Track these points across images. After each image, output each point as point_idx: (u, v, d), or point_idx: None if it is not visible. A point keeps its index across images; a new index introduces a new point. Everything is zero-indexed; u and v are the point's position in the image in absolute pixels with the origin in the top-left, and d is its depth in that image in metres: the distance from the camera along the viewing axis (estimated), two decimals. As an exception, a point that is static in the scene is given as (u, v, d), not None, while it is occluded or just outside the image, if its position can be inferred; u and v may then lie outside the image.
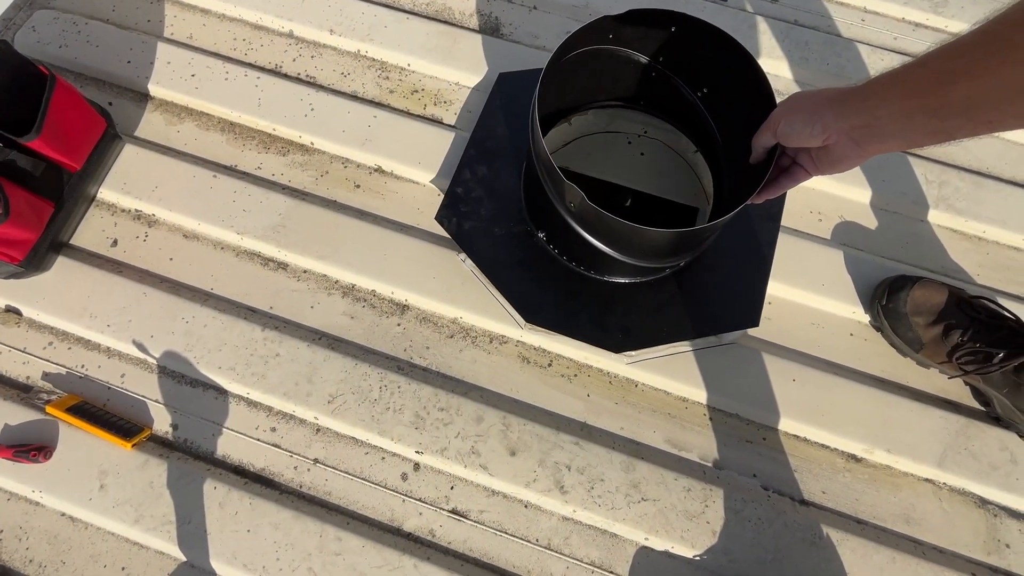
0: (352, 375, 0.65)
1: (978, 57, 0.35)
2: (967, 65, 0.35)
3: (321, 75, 0.79)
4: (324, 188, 0.73)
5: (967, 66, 0.35)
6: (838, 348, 0.68)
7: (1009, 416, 0.62)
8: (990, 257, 0.72)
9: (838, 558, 0.59)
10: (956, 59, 0.36)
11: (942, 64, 0.37)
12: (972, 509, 0.62)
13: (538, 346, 0.67)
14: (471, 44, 0.79)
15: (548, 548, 0.60)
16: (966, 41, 0.36)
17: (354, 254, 0.69)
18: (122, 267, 0.70)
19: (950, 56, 0.37)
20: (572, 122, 0.72)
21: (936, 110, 0.38)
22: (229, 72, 0.78)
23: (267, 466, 0.63)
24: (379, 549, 0.59)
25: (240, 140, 0.76)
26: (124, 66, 0.77)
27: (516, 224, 0.68)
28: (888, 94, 0.40)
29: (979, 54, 0.35)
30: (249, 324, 0.67)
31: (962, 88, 0.36)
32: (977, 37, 0.35)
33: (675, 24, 0.59)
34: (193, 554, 0.59)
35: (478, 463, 0.62)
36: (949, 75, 0.36)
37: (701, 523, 0.60)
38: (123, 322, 0.67)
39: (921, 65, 0.38)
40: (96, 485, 0.61)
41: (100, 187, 0.72)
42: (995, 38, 0.34)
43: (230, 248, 0.71)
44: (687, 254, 0.62)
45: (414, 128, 0.75)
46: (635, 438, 0.64)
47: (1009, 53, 0.33)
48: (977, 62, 0.35)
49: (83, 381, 0.65)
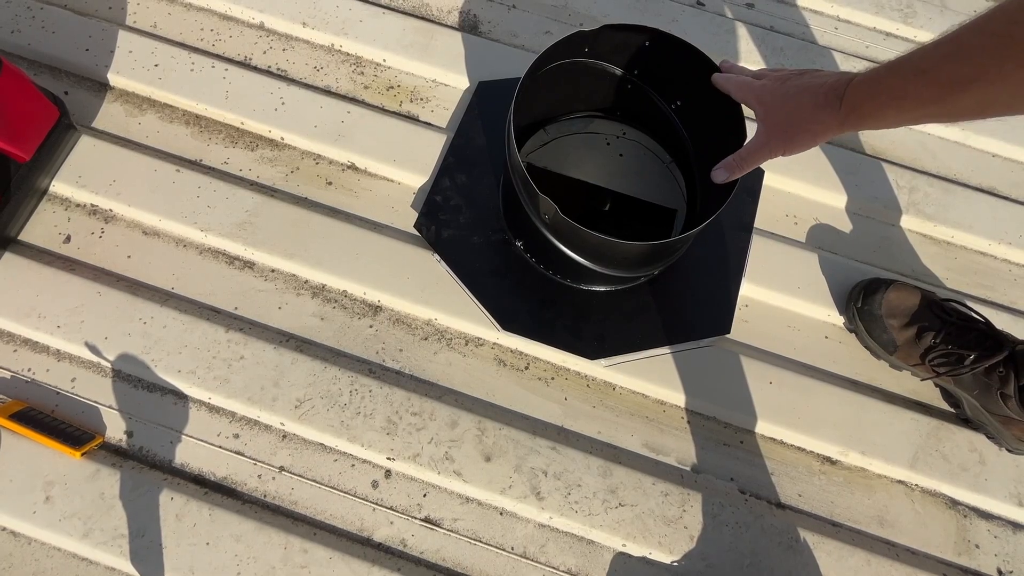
0: (321, 378, 0.62)
1: (989, 62, 0.34)
2: (977, 72, 0.35)
3: (293, 68, 0.76)
4: (294, 185, 0.71)
5: (977, 73, 0.35)
6: (813, 351, 0.68)
7: (978, 417, 0.63)
8: (958, 261, 0.73)
9: (814, 561, 0.59)
10: (964, 65, 0.35)
11: (949, 72, 0.36)
12: (943, 510, 0.63)
13: (515, 348, 0.66)
14: (449, 41, 0.78)
15: (524, 556, 0.59)
16: (970, 44, 0.35)
17: (325, 253, 0.67)
18: (75, 265, 0.66)
19: (956, 61, 0.36)
20: (548, 131, 0.72)
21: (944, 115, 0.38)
22: (195, 63, 0.74)
23: (229, 475, 0.60)
24: (347, 561, 0.56)
25: (206, 133, 0.73)
26: (82, 54, 0.74)
27: (494, 232, 0.68)
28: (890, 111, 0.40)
29: (989, 59, 0.34)
30: (212, 325, 0.64)
31: (974, 94, 0.35)
32: (983, 40, 0.34)
33: (649, 39, 0.61)
34: (147, 569, 0.56)
35: (452, 469, 0.60)
36: (959, 84, 0.36)
37: (679, 528, 0.60)
38: (75, 323, 0.63)
39: (921, 72, 0.37)
40: (41, 497, 0.57)
41: (52, 180, 0.68)
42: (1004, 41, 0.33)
43: (193, 246, 0.68)
44: (660, 264, 0.63)
45: (389, 125, 0.73)
46: (613, 442, 0.63)
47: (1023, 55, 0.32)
48: (988, 68, 0.34)
49: (29, 386, 0.61)
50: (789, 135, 0.46)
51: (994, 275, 0.73)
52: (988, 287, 0.72)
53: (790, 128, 0.45)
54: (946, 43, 0.36)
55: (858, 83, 0.41)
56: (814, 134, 0.45)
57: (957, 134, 0.79)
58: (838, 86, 0.43)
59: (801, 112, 0.44)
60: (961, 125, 0.79)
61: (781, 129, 0.46)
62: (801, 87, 0.45)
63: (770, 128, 0.47)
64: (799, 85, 0.45)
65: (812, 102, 0.44)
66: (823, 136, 0.44)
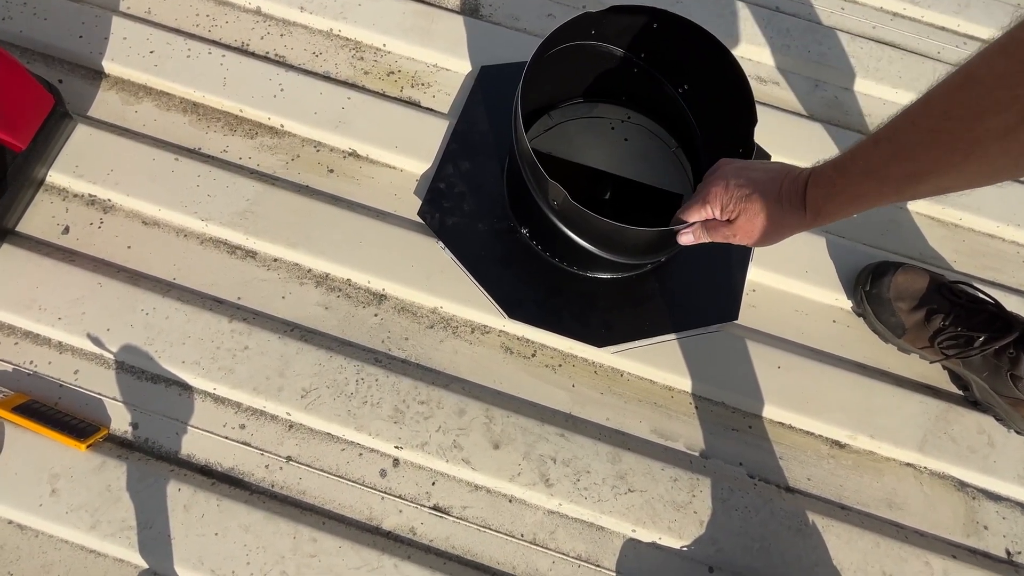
0: (327, 368, 0.62)
1: (932, 159, 0.35)
2: (924, 168, 0.36)
3: (291, 54, 0.75)
4: (295, 172, 0.70)
5: (925, 169, 0.36)
6: (821, 335, 0.68)
7: (987, 399, 0.63)
8: (966, 244, 0.73)
9: (824, 544, 0.59)
10: (909, 163, 0.37)
11: (897, 172, 0.38)
12: (951, 492, 0.63)
13: (521, 336, 0.65)
14: (449, 25, 0.76)
15: (533, 543, 0.58)
16: (909, 142, 0.36)
17: (328, 242, 0.66)
18: (75, 256, 0.65)
19: (900, 161, 0.37)
20: (553, 116, 0.71)
21: (903, 199, 0.42)
22: (191, 49, 0.73)
23: (236, 465, 0.60)
24: (357, 549, 0.56)
25: (204, 121, 0.71)
26: (76, 41, 0.72)
27: (499, 220, 0.67)
28: (852, 209, 0.42)
29: (932, 157, 0.35)
30: (215, 316, 0.63)
31: (929, 185, 0.37)
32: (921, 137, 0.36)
33: (657, 21, 0.60)
34: (156, 560, 0.56)
35: (460, 457, 0.60)
36: (911, 179, 0.37)
37: (688, 513, 0.59)
38: (76, 314, 0.62)
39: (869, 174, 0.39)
40: (47, 490, 0.57)
41: (49, 170, 0.67)
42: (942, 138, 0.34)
43: (194, 235, 0.67)
44: (668, 251, 0.62)
45: (390, 111, 0.72)
46: (621, 428, 0.63)
47: (972, 149, 0.33)
48: (935, 164, 0.35)
49: (32, 378, 0.61)
50: (755, 234, 0.48)
51: (1002, 257, 0.72)
52: (996, 269, 0.72)
53: (758, 234, 0.48)
54: (885, 143, 0.38)
55: (815, 188, 0.43)
56: (780, 235, 0.47)
57: (965, 115, 0.78)
58: (794, 194, 0.44)
59: (769, 222, 0.46)
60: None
61: (750, 234, 0.48)
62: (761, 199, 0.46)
63: (739, 230, 0.49)
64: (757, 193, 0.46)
65: (780, 215, 0.46)
66: (790, 234, 0.47)
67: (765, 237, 0.48)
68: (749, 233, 0.48)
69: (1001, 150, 0.32)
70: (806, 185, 0.44)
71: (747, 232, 0.48)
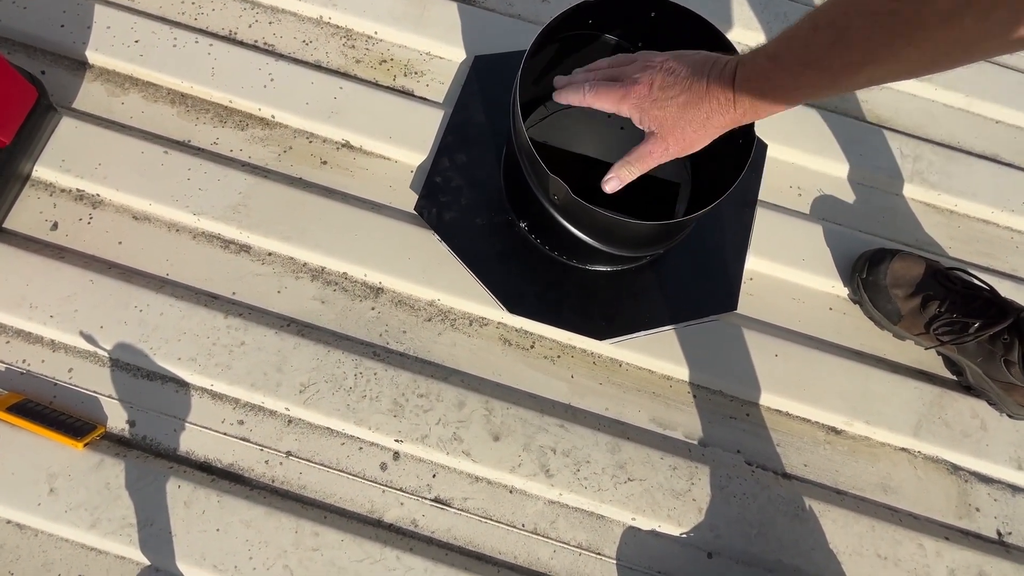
0: (325, 363, 0.61)
1: (877, 46, 0.34)
2: (867, 57, 0.34)
3: (280, 43, 0.73)
4: (288, 164, 0.69)
5: (867, 57, 0.34)
6: (818, 322, 0.68)
7: (980, 384, 0.64)
8: (961, 230, 0.73)
9: (820, 529, 0.60)
10: (851, 51, 0.35)
11: (838, 61, 0.36)
12: (945, 476, 0.64)
13: (520, 327, 0.65)
14: (442, 12, 0.75)
15: (535, 533, 0.59)
16: (852, 27, 0.34)
17: (323, 235, 0.65)
18: (64, 252, 0.64)
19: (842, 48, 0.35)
20: (548, 106, 0.70)
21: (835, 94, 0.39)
22: (178, 38, 0.71)
23: (235, 461, 0.59)
24: (359, 542, 0.57)
25: (193, 113, 0.70)
26: (57, 31, 0.70)
27: (497, 214, 0.66)
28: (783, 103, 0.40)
29: (877, 42, 0.33)
30: (210, 311, 0.62)
31: (866, 75, 0.35)
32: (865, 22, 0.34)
33: (653, 8, 0.59)
34: (157, 557, 0.56)
35: (461, 449, 0.60)
36: (849, 69, 0.36)
37: (687, 501, 0.60)
38: (68, 312, 0.61)
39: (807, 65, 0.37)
40: (45, 489, 0.56)
41: (35, 164, 0.65)
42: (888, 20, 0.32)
43: (186, 230, 0.66)
44: (669, 243, 0.62)
45: (383, 100, 0.71)
46: (620, 418, 0.63)
47: (915, 33, 0.32)
48: (877, 51, 0.34)
49: (25, 377, 0.60)
50: (687, 140, 0.45)
51: (997, 243, 0.73)
52: (991, 255, 0.72)
53: (689, 136, 0.45)
54: (826, 29, 0.36)
55: (746, 82, 0.41)
56: (711, 135, 0.45)
57: (961, 100, 0.78)
58: (725, 88, 0.42)
59: (698, 120, 0.44)
60: (965, 92, 0.78)
61: (680, 138, 0.45)
62: (690, 96, 0.43)
63: (667, 137, 0.45)
64: (686, 92, 0.44)
65: (709, 111, 0.43)
66: (720, 132, 0.44)
67: (696, 142, 0.45)
68: (679, 140, 0.45)
69: (944, 36, 0.31)
70: (734, 78, 0.41)
71: (677, 140, 0.45)
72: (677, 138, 0.45)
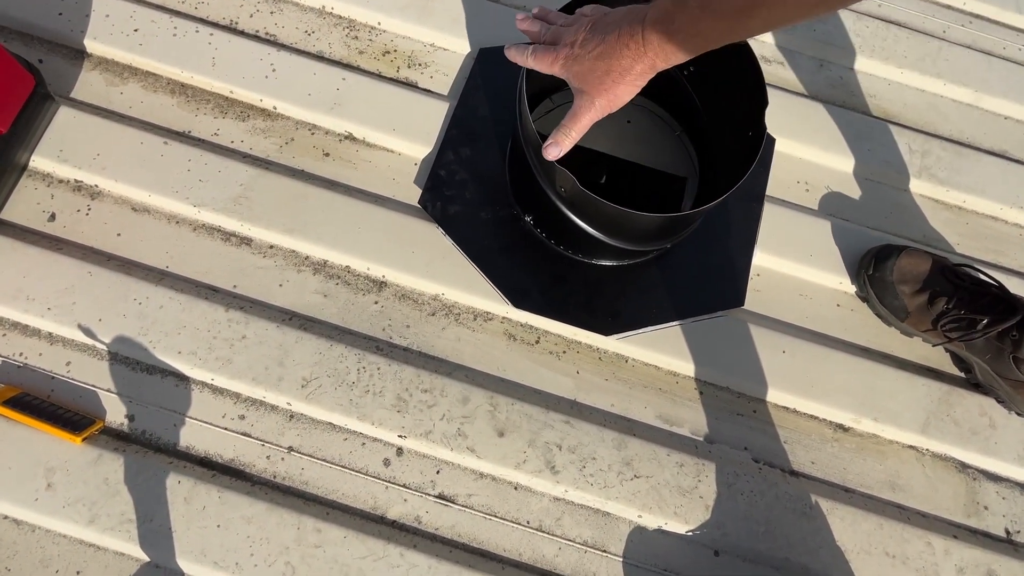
0: (327, 357, 0.61)
1: None
2: None
3: (282, 33, 0.72)
4: (289, 156, 0.68)
5: None
6: (825, 319, 0.67)
7: (989, 382, 0.63)
8: (969, 227, 0.73)
9: (828, 527, 0.60)
10: None
11: (733, 4, 0.38)
12: (953, 474, 0.64)
13: (525, 322, 0.64)
14: (447, 3, 0.74)
15: (540, 530, 0.58)
16: None
17: (325, 228, 0.64)
18: (62, 244, 0.63)
19: None
20: (554, 99, 0.70)
21: (735, 38, 0.42)
22: (178, 27, 0.70)
23: (237, 456, 0.58)
24: (362, 539, 0.56)
25: (193, 103, 0.69)
26: (55, 19, 0.69)
27: (502, 208, 0.65)
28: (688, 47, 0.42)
29: None
30: (211, 305, 0.61)
31: (760, 17, 0.38)
32: None
33: None
34: (157, 553, 0.55)
35: (465, 445, 0.59)
36: (744, 12, 0.38)
37: (694, 498, 0.59)
38: (66, 305, 0.60)
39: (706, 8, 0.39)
40: (42, 484, 0.55)
41: (32, 154, 0.64)
42: None
43: (186, 222, 0.65)
44: (676, 236, 0.62)
45: (387, 92, 0.70)
46: (626, 414, 0.62)
47: None
48: None
49: (22, 371, 0.59)
50: (612, 93, 0.46)
51: (1005, 239, 0.72)
52: (999, 252, 0.71)
53: (610, 88, 0.46)
54: None
55: (653, 27, 0.42)
56: (633, 84, 0.45)
57: (970, 96, 0.78)
58: (634, 32, 0.43)
59: (615, 70, 0.45)
60: (973, 87, 0.77)
61: (602, 91, 0.46)
62: (604, 47, 0.45)
63: (591, 92, 0.46)
64: (601, 43, 0.45)
65: (621, 57, 0.44)
66: (642, 82, 0.45)
67: (620, 94, 0.46)
68: (603, 93, 0.46)
69: None
70: (643, 28, 0.42)
71: (601, 93, 0.46)
72: (600, 91, 0.46)
